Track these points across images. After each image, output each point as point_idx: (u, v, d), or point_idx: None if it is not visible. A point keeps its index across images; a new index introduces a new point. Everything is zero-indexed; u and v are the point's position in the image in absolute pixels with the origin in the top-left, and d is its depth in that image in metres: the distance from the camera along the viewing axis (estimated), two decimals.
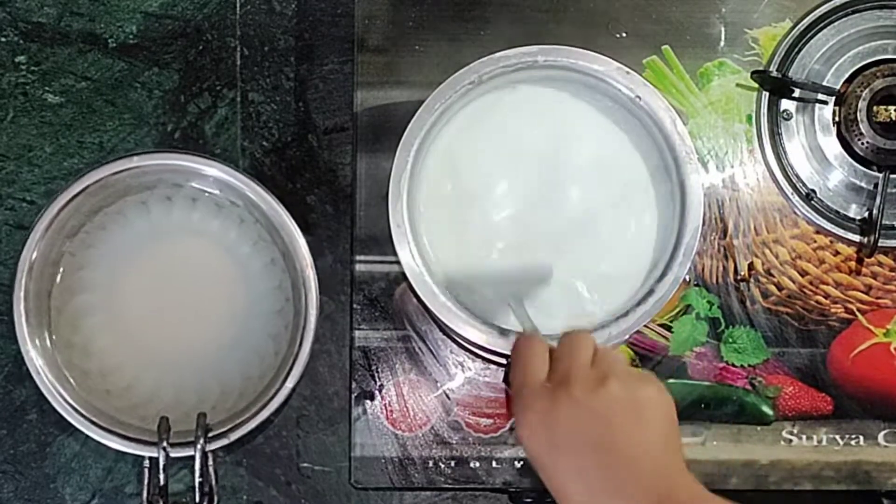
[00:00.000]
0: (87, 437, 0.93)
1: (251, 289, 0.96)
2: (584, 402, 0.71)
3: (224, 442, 0.89)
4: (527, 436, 0.73)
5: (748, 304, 1.01)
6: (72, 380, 0.93)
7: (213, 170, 0.93)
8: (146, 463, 0.88)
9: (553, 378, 0.74)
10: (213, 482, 0.87)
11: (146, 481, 0.87)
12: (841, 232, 1.00)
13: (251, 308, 0.96)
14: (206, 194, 0.96)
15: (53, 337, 0.95)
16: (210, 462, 0.87)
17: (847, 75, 1.00)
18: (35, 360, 0.91)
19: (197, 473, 0.85)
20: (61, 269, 0.96)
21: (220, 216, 0.96)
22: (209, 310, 0.96)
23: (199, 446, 0.86)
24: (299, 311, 0.93)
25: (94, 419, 0.91)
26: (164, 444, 0.86)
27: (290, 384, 0.91)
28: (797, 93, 1.00)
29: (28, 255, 0.91)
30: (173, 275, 0.96)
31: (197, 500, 0.85)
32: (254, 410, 0.91)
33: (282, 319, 0.96)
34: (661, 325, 1.00)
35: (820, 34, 1.01)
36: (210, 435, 0.88)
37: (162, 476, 0.85)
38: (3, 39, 1.03)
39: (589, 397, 0.71)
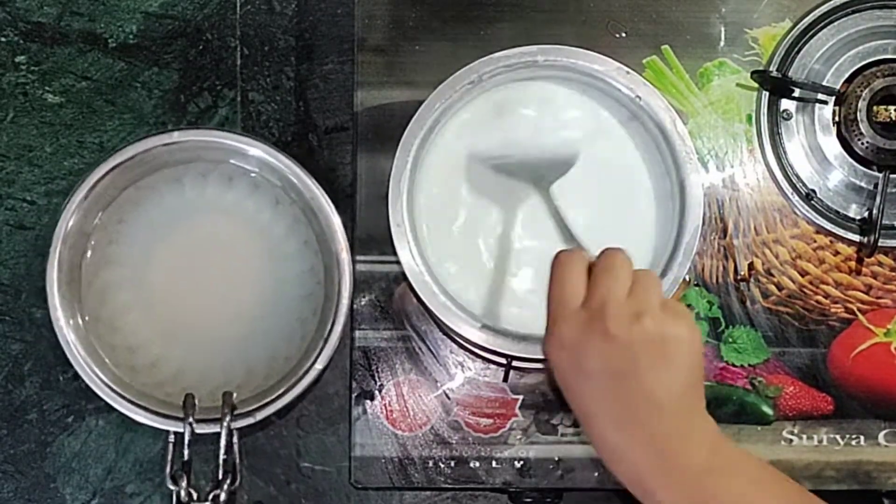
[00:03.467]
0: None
1: (282, 271, 0.96)
2: (616, 336, 0.72)
3: (250, 420, 0.89)
4: (555, 356, 0.75)
5: (748, 303, 1.01)
6: (101, 352, 0.93)
7: (254, 149, 0.92)
8: (171, 438, 0.88)
9: (589, 305, 0.74)
10: (237, 460, 0.86)
11: (170, 456, 0.86)
12: (841, 232, 1.00)
13: (281, 290, 0.96)
14: (243, 173, 0.95)
15: (84, 310, 0.94)
16: (235, 440, 0.86)
17: (847, 75, 1.00)
18: (65, 331, 0.90)
19: (222, 451, 0.85)
20: (93, 242, 0.95)
21: (255, 196, 0.96)
22: (238, 290, 0.96)
23: (225, 423, 0.86)
24: (331, 296, 0.92)
25: (121, 392, 0.90)
26: (190, 419, 0.86)
27: (319, 366, 0.90)
28: (797, 93, 1.00)
29: (64, 224, 0.90)
30: (204, 253, 0.96)
31: (220, 476, 0.85)
32: (281, 391, 0.90)
33: (311, 303, 0.95)
34: None
35: (820, 34, 1.01)
36: (236, 413, 0.88)
37: (186, 452, 0.85)
38: (3, 39, 1.03)
39: (622, 332, 0.72)
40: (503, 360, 0.96)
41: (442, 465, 1.00)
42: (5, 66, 1.03)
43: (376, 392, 1.00)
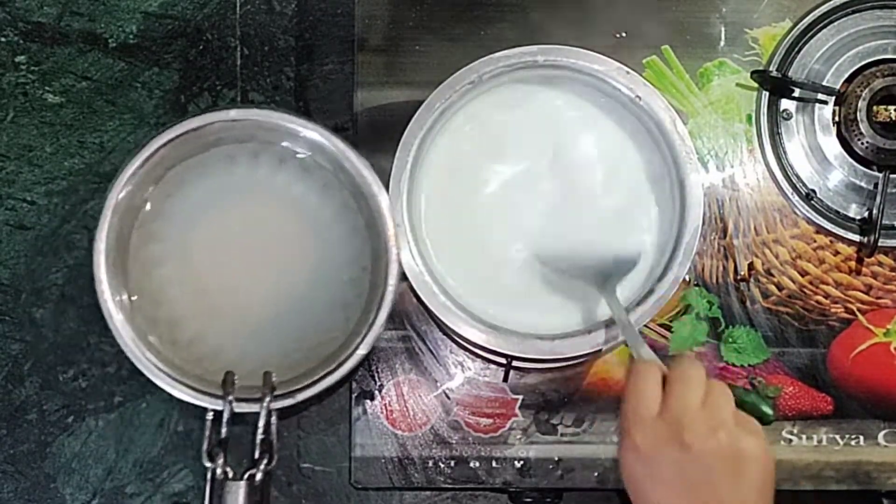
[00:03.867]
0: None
1: (327, 255, 0.94)
2: (692, 447, 0.74)
3: (289, 401, 0.88)
4: (629, 463, 0.77)
5: (748, 303, 1.01)
6: (143, 326, 0.92)
7: (308, 131, 0.91)
8: (209, 415, 0.87)
9: (665, 416, 0.76)
10: (274, 441, 0.86)
11: (207, 433, 0.86)
12: (841, 232, 1.00)
13: (325, 275, 0.94)
14: (293, 156, 0.94)
15: (129, 283, 0.93)
16: (273, 420, 0.86)
17: (847, 75, 1.00)
18: (109, 304, 0.89)
19: (260, 430, 0.85)
20: (140, 215, 0.94)
21: (305, 179, 0.94)
22: (282, 272, 0.94)
23: (265, 402, 0.85)
24: (376, 283, 0.91)
25: (161, 366, 0.89)
26: (230, 397, 0.86)
27: (362, 351, 0.89)
28: (797, 93, 1.00)
29: (115, 195, 0.89)
30: (250, 233, 0.94)
31: (256, 456, 0.84)
32: (321, 374, 0.89)
33: (355, 289, 0.94)
34: (661, 325, 1.00)
35: (820, 34, 1.01)
36: (276, 394, 0.87)
37: (224, 429, 0.85)
38: (3, 39, 1.03)
39: (697, 444, 0.74)
40: (503, 360, 0.96)
41: (442, 465, 1.00)
42: (5, 66, 1.03)
43: (376, 392, 1.00)
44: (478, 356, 0.99)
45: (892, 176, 0.98)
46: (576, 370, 1.00)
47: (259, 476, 0.84)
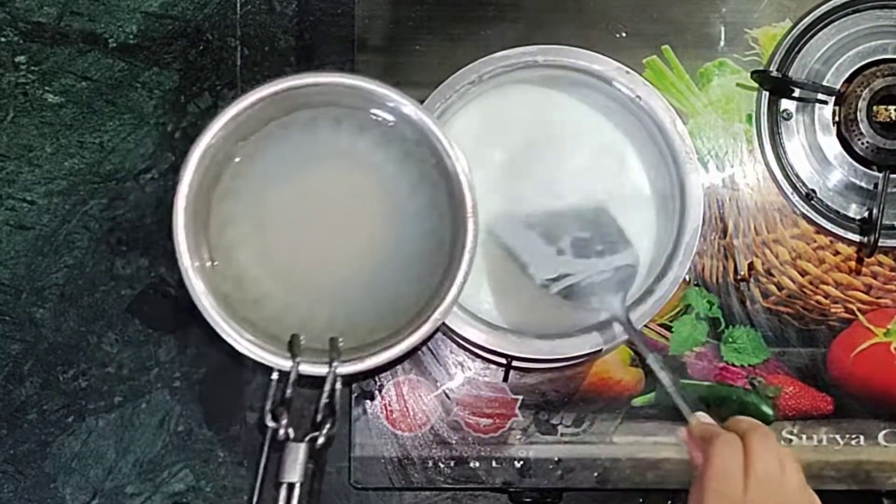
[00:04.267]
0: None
1: (403, 227, 0.92)
2: None
3: (357, 367, 0.87)
4: None
5: (748, 303, 1.01)
6: (216, 280, 0.91)
7: (396, 100, 0.89)
8: (274, 375, 0.87)
9: (749, 494, 0.76)
10: (338, 406, 0.85)
11: (271, 392, 0.85)
12: (841, 232, 1.00)
13: (399, 245, 0.92)
14: (377, 124, 0.91)
15: (208, 237, 0.92)
16: (338, 386, 0.85)
17: (847, 75, 1.00)
18: (187, 257, 0.88)
19: (326, 394, 0.84)
20: (223, 173, 0.93)
21: (386, 148, 0.92)
22: (355, 240, 0.92)
23: (333, 367, 0.84)
24: (450, 259, 0.89)
25: (233, 324, 0.89)
26: (298, 358, 0.85)
27: (426, 327, 0.88)
28: (797, 92, 1.00)
29: (199, 149, 0.89)
30: (325, 198, 0.92)
31: (319, 419, 0.84)
32: (387, 345, 0.88)
33: (427, 264, 0.92)
34: (661, 325, 1.00)
35: (820, 34, 1.01)
36: (343, 360, 0.86)
37: (289, 390, 0.84)
38: (3, 39, 1.03)
39: None
40: (503, 360, 0.96)
41: (442, 465, 1.00)
42: (5, 66, 1.03)
43: (376, 392, 1.00)
44: (478, 356, 0.99)
45: (892, 176, 0.98)
46: (576, 370, 1.00)
47: (321, 440, 0.83)
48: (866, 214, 1.00)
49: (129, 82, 1.04)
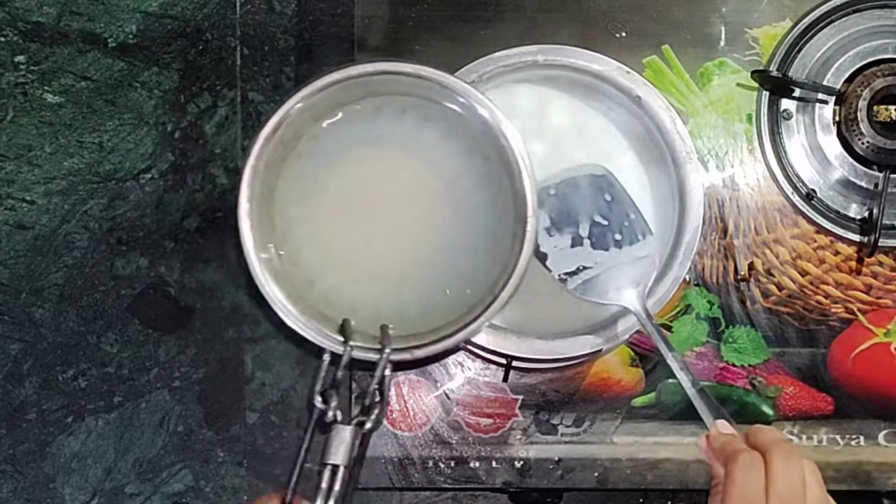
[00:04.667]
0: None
1: (461, 224, 0.92)
2: None
3: (406, 357, 0.87)
4: None
5: (748, 303, 1.01)
6: (275, 260, 0.91)
7: (462, 94, 0.88)
8: (326, 357, 0.87)
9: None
10: (387, 393, 0.85)
11: (322, 374, 0.85)
12: (841, 232, 1.00)
13: (454, 242, 0.92)
14: (443, 117, 0.90)
15: (271, 214, 0.92)
16: (388, 372, 0.85)
17: (847, 75, 1.00)
18: (248, 232, 0.88)
19: (376, 380, 0.84)
20: (289, 153, 0.92)
21: (448, 141, 0.89)
22: (410, 232, 0.92)
23: (386, 353, 0.84)
24: (507, 259, 0.88)
25: (286, 301, 0.88)
26: (351, 342, 0.85)
27: (481, 321, 0.87)
28: (797, 92, 1.00)
29: (274, 121, 0.88)
30: (382, 187, 0.92)
31: (367, 403, 0.84)
32: (436, 338, 0.88)
33: (484, 259, 0.91)
34: (662, 325, 1.00)
35: (820, 34, 1.01)
36: (394, 348, 0.86)
37: (340, 373, 0.85)
38: (3, 39, 1.03)
39: None
40: (503, 360, 0.96)
41: (442, 465, 1.00)
42: (5, 66, 1.03)
43: None
44: (478, 356, 0.99)
45: (892, 176, 0.98)
46: (576, 370, 1.00)
47: (369, 425, 0.83)
48: (866, 214, 1.00)
49: (128, 82, 1.04)
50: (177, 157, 1.05)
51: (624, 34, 1.01)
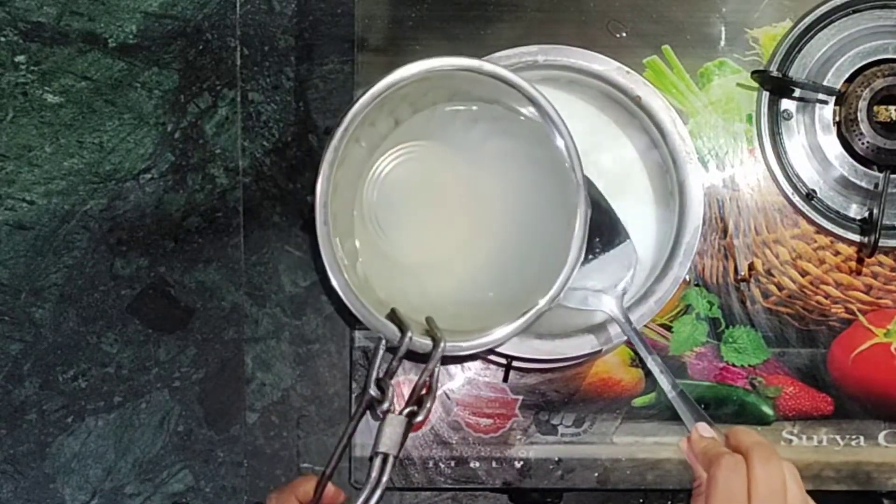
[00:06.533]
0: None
1: (524, 228, 0.92)
2: None
3: (458, 352, 0.87)
4: None
5: (748, 304, 1.01)
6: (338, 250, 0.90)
7: (534, 98, 0.87)
8: (383, 344, 0.87)
9: None
10: (437, 386, 0.86)
11: (378, 362, 0.85)
12: (841, 232, 1.00)
13: (509, 248, 0.92)
14: (512, 119, 0.90)
15: (334, 200, 0.92)
16: (438, 367, 0.85)
17: (847, 75, 1.00)
18: (322, 218, 0.88)
19: (428, 371, 0.84)
20: (369, 137, 0.93)
21: (515, 143, 0.91)
22: (461, 228, 0.93)
23: (441, 346, 0.84)
24: (557, 263, 0.88)
25: (354, 290, 0.88)
26: (409, 332, 0.85)
27: (524, 319, 0.87)
28: (797, 92, 1.00)
29: (351, 114, 0.88)
30: (448, 187, 0.93)
31: (422, 393, 0.84)
32: (485, 338, 0.88)
33: (536, 266, 0.91)
34: (662, 325, 1.00)
35: (820, 34, 1.01)
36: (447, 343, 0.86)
37: (396, 362, 0.85)
38: (3, 39, 1.03)
39: None
40: (503, 360, 0.96)
41: (442, 465, 1.00)
42: (5, 66, 1.03)
43: None
44: (478, 356, 0.99)
45: (892, 176, 0.98)
46: (576, 370, 1.00)
47: (420, 417, 0.84)
48: (867, 214, 1.00)
49: (128, 82, 1.04)
50: (177, 158, 1.05)
51: (624, 34, 1.01)
